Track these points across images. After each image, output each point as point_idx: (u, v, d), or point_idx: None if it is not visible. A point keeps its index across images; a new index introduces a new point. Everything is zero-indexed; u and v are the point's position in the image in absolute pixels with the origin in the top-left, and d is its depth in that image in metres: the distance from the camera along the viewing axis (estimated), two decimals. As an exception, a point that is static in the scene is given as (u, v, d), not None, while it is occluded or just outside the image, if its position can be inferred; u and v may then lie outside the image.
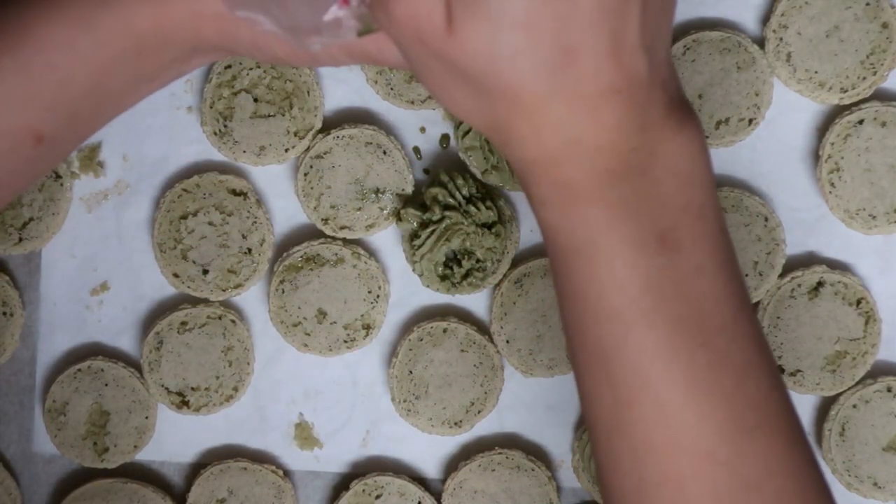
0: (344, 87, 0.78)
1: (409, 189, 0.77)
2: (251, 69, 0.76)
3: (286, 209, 0.78)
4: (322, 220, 0.77)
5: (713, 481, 0.51)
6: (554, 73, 0.48)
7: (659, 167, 0.51)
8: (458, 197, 0.75)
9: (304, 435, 0.79)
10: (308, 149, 0.77)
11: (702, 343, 0.52)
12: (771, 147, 0.78)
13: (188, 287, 0.78)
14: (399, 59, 0.53)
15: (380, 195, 0.77)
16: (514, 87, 0.48)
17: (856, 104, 0.76)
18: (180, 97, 0.78)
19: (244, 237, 0.77)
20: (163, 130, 0.78)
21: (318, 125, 0.77)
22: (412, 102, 0.77)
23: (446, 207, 0.75)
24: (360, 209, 0.77)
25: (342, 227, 0.77)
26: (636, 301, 0.51)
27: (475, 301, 0.78)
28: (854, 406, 0.77)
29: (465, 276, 0.76)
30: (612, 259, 0.51)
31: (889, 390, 0.77)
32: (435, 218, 0.75)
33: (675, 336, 0.51)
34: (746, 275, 0.76)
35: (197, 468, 0.79)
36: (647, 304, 0.51)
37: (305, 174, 0.77)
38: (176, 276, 0.78)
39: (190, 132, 0.78)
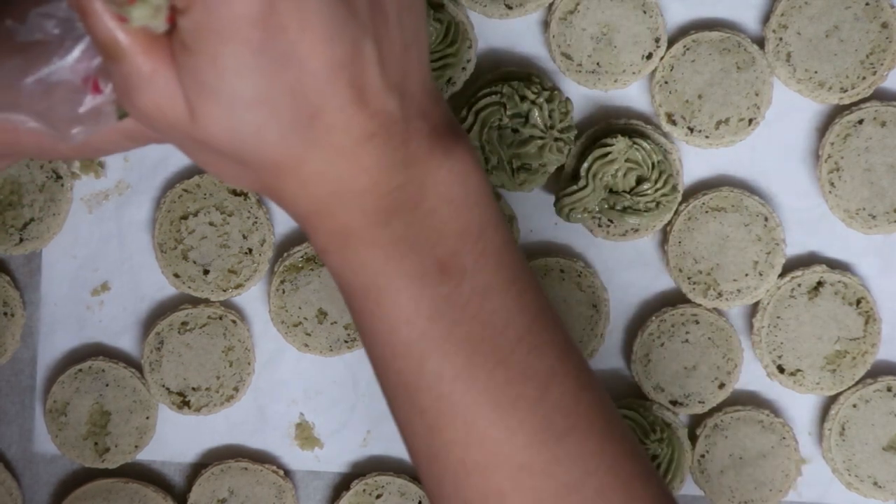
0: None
1: (410, 189, 0.77)
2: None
3: (286, 209, 0.78)
4: (322, 220, 0.77)
5: (533, 491, 0.53)
6: (303, 135, 0.48)
7: (430, 197, 0.52)
8: (458, 197, 0.75)
9: (305, 435, 0.79)
10: (308, 149, 0.77)
11: (500, 360, 0.53)
12: (771, 147, 0.78)
13: (189, 287, 0.78)
14: None
15: (380, 195, 0.77)
16: (268, 157, 0.49)
17: (855, 104, 0.76)
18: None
19: (245, 237, 0.77)
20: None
21: (319, 125, 0.77)
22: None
23: (447, 207, 0.75)
24: (360, 209, 0.77)
25: (342, 228, 0.77)
26: (426, 332, 0.52)
27: (475, 301, 0.78)
28: (854, 406, 0.77)
29: (466, 276, 0.76)
30: (395, 296, 0.52)
31: (889, 390, 0.77)
32: (435, 218, 0.75)
33: (472, 357, 0.53)
34: (746, 274, 0.76)
35: (198, 468, 0.79)
36: (438, 332, 0.52)
37: (306, 174, 0.77)
38: (177, 276, 0.78)
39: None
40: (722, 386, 0.77)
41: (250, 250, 0.78)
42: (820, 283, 0.77)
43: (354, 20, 0.48)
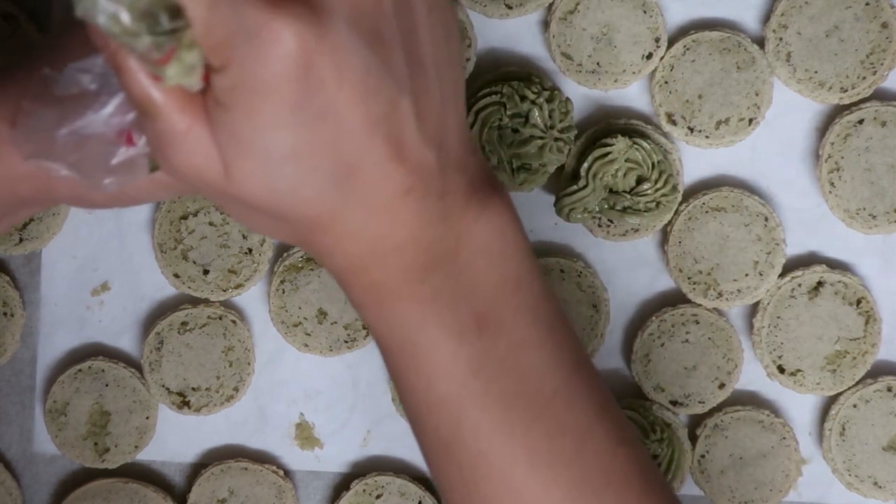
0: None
1: (410, 189, 0.77)
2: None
3: (286, 209, 0.78)
4: (322, 220, 0.77)
5: None
6: (339, 191, 0.48)
7: (467, 250, 0.51)
8: (458, 197, 0.75)
9: (305, 435, 0.79)
10: (308, 149, 0.77)
11: (537, 414, 0.53)
12: (771, 147, 0.78)
13: (189, 287, 0.78)
14: None
15: (380, 195, 0.77)
16: (304, 213, 0.49)
17: (856, 104, 0.76)
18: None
19: (245, 237, 0.77)
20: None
21: (319, 125, 0.77)
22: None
23: (446, 207, 0.75)
24: (360, 209, 0.77)
25: (342, 228, 0.77)
26: (463, 386, 0.52)
27: (475, 301, 0.78)
28: (854, 406, 0.77)
29: (466, 276, 0.76)
30: (432, 351, 0.52)
31: (889, 390, 0.77)
32: (435, 218, 0.75)
33: (509, 412, 0.52)
34: (746, 274, 0.76)
35: (198, 468, 0.79)
36: (475, 387, 0.52)
37: (306, 174, 0.77)
38: (176, 276, 0.78)
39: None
40: (722, 386, 0.77)
41: (250, 250, 0.78)
42: (820, 283, 0.77)
43: (392, 76, 0.48)
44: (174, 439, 0.79)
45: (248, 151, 0.47)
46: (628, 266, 0.78)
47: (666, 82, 0.76)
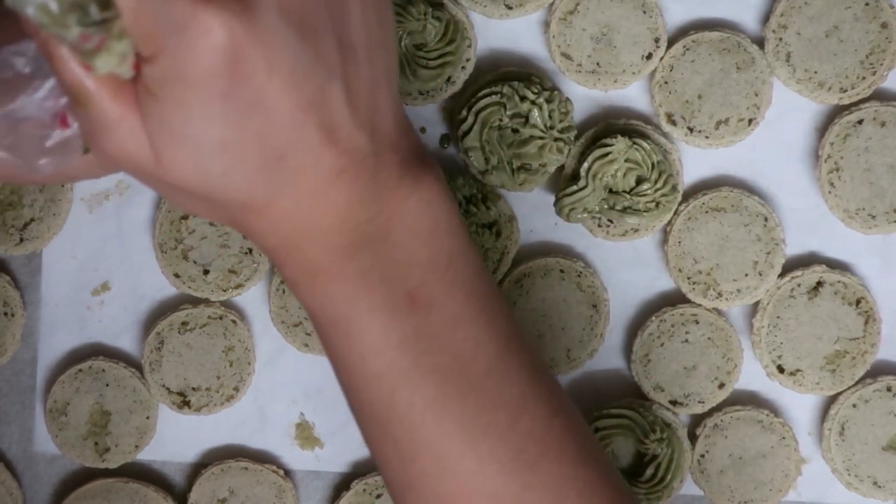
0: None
1: (410, 189, 0.77)
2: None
3: (286, 209, 0.78)
4: (322, 220, 0.77)
5: None
6: (271, 176, 0.48)
7: (399, 229, 0.52)
8: (458, 197, 0.75)
9: (305, 434, 0.79)
10: (308, 149, 0.77)
11: (470, 389, 0.53)
12: (770, 147, 0.78)
13: (189, 287, 0.78)
14: None
15: (380, 195, 0.77)
16: (235, 198, 0.49)
17: (855, 104, 0.76)
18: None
19: (245, 237, 0.77)
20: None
21: (319, 125, 0.77)
22: (414, 98, 0.77)
23: (447, 207, 0.75)
24: (360, 209, 0.77)
25: (343, 228, 0.77)
26: (395, 362, 0.52)
27: (475, 301, 0.78)
28: (854, 405, 0.77)
29: (466, 276, 0.76)
30: (364, 328, 0.52)
31: (889, 390, 0.77)
32: (435, 218, 0.75)
33: (442, 387, 0.53)
34: (746, 274, 0.76)
35: (198, 468, 0.79)
36: (406, 363, 0.52)
37: (306, 174, 0.77)
38: (177, 276, 0.78)
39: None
40: (722, 386, 0.77)
41: (250, 250, 0.78)
42: (819, 283, 0.77)
43: (322, 62, 0.48)
44: (174, 439, 0.79)
45: (178, 140, 0.47)
46: (628, 266, 0.78)
47: (666, 82, 0.76)
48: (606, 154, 0.75)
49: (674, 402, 0.77)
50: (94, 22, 0.45)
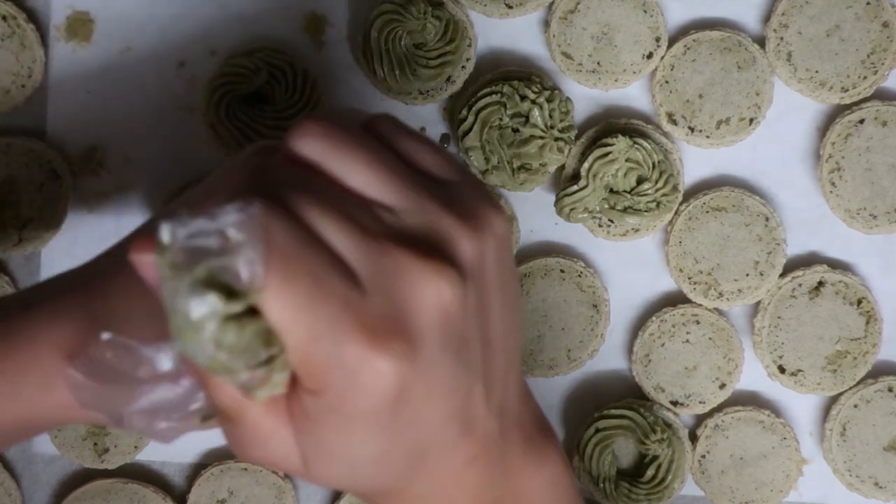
0: (343, 86, 0.78)
1: (410, 189, 0.77)
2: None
3: (286, 209, 0.78)
4: (322, 220, 0.77)
5: None
6: (412, 473, 0.49)
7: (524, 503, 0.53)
8: (458, 197, 0.75)
9: (305, 435, 0.79)
10: (308, 149, 0.77)
11: None
12: (772, 147, 0.78)
13: (188, 287, 0.77)
14: None
15: (380, 195, 0.77)
16: (376, 490, 0.50)
17: (856, 103, 0.76)
18: (182, 97, 0.78)
19: None
20: (163, 130, 0.78)
21: (319, 125, 0.77)
22: (414, 98, 0.77)
23: (447, 207, 0.75)
24: (360, 209, 0.77)
25: (342, 227, 0.77)
26: None
27: (476, 301, 0.78)
28: (855, 406, 0.77)
29: (466, 276, 0.75)
30: None
31: (890, 390, 0.77)
32: (435, 218, 0.75)
33: None
34: (747, 274, 0.76)
35: (197, 468, 0.79)
36: None
37: (306, 174, 0.77)
38: (176, 276, 0.77)
39: (190, 132, 0.78)
40: (723, 386, 0.77)
41: (250, 250, 0.77)
42: (821, 283, 0.77)
43: (468, 371, 0.48)
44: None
45: (332, 457, 0.48)
46: (628, 266, 0.78)
47: (666, 82, 0.76)
48: (607, 154, 0.74)
49: (674, 403, 0.77)
50: (261, 362, 0.44)
